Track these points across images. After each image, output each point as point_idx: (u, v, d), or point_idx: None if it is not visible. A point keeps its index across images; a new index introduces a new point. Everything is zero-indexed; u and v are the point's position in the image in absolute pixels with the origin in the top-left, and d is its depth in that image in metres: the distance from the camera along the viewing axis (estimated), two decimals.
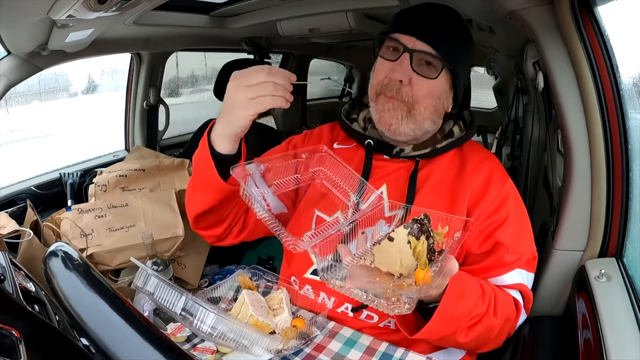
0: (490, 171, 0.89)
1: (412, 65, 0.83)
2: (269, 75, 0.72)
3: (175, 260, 1.27)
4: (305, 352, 0.76)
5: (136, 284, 0.70)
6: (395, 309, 0.61)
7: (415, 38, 0.83)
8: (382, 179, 0.91)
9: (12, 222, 1.10)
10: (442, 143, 0.92)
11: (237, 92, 0.75)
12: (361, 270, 0.69)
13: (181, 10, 1.40)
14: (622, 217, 0.87)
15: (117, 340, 0.46)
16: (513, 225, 0.84)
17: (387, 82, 0.86)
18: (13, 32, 1.04)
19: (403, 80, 0.84)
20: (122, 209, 1.28)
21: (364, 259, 0.72)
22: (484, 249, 0.85)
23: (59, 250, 0.57)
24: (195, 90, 2.68)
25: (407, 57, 0.83)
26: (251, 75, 0.73)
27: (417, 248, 0.64)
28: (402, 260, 0.64)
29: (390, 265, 0.67)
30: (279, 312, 0.82)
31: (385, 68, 0.87)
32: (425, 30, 0.84)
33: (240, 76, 0.75)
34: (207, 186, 0.83)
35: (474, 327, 0.75)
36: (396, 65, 0.85)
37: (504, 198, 0.86)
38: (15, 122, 1.96)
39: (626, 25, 0.84)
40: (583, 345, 0.74)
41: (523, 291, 0.85)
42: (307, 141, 1.04)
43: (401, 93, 0.85)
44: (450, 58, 0.84)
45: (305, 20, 1.46)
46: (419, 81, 0.84)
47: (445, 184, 0.89)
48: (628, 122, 0.83)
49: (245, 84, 0.74)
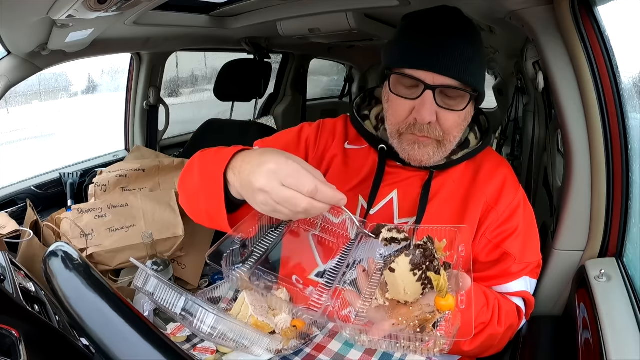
0: (504, 179, 0.87)
1: (437, 102, 0.77)
2: (312, 195, 0.59)
3: (175, 260, 1.27)
4: (305, 352, 0.75)
5: (136, 284, 0.70)
6: (436, 348, 0.59)
7: (434, 73, 0.75)
8: (394, 185, 0.88)
9: (12, 222, 1.10)
10: (459, 155, 0.88)
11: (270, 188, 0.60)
12: (379, 313, 0.65)
13: (181, 10, 1.40)
14: (622, 217, 0.87)
15: (117, 340, 0.46)
16: (522, 236, 0.83)
17: (414, 122, 0.79)
18: (13, 32, 1.04)
19: (432, 121, 0.78)
20: (122, 209, 1.28)
21: (376, 299, 0.68)
22: (491, 257, 0.84)
23: (59, 250, 0.57)
24: (195, 90, 2.68)
25: (430, 94, 0.76)
26: (297, 181, 0.59)
27: (440, 282, 0.60)
28: (406, 289, 0.62)
29: (394, 295, 0.65)
30: (279, 312, 0.82)
31: (406, 107, 0.79)
32: (443, 61, 0.75)
33: (281, 171, 0.60)
34: (213, 220, 0.75)
35: (478, 335, 0.75)
36: (419, 105, 0.77)
37: (516, 207, 0.84)
38: (15, 122, 1.95)
39: (626, 25, 0.84)
40: (583, 345, 0.74)
41: (526, 298, 0.85)
42: (320, 135, 0.96)
43: (430, 131, 0.79)
44: (475, 85, 0.78)
45: (305, 20, 1.46)
46: (446, 115, 0.78)
47: (458, 194, 0.86)
48: (628, 122, 0.83)
49: (281, 182, 0.60)
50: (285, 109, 2.61)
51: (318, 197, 0.60)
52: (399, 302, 0.65)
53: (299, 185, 0.59)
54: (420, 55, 0.77)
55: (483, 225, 0.83)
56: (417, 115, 0.78)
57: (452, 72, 0.75)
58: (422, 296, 0.63)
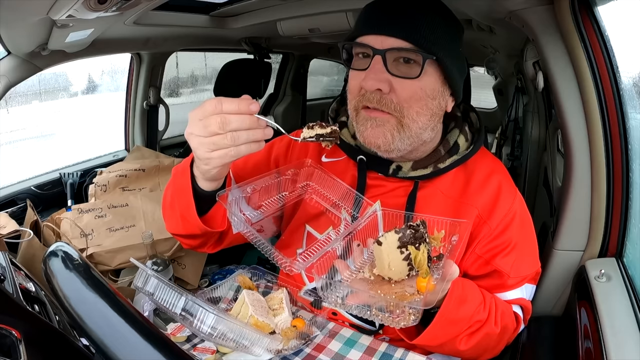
0: (498, 187, 0.80)
1: (388, 68, 0.70)
2: (217, 111, 0.61)
3: (175, 260, 1.27)
4: (305, 352, 0.75)
5: (136, 284, 0.70)
6: (401, 322, 0.59)
7: (384, 35, 0.70)
8: (377, 197, 0.82)
9: (12, 222, 1.10)
10: (446, 162, 0.80)
11: (191, 130, 0.65)
12: (361, 284, 0.66)
13: (181, 10, 1.40)
14: (622, 217, 0.87)
15: (117, 340, 0.46)
16: (516, 251, 0.79)
17: (363, 93, 0.73)
18: (13, 32, 1.04)
19: (382, 89, 0.70)
20: (122, 209, 1.28)
21: (363, 272, 0.69)
22: (481, 272, 0.81)
23: (59, 250, 0.57)
24: (195, 90, 2.68)
25: (379, 60, 0.70)
26: (202, 108, 0.63)
27: (418, 257, 0.61)
28: (390, 264, 0.62)
29: (379, 270, 0.66)
30: (279, 312, 0.82)
31: (358, 79, 0.73)
32: (392, 22, 0.69)
33: (196, 115, 0.64)
34: (186, 221, 0.77)
35: (474, 333, 0.74)
36: (369, 73, 0.71)
37: (510, 220, 0.79)
38: (15, 122, 1.96)
39: (626, 25, 0.84)
40: (583, 345, 0.74)
41: (523, 305, 0.83)
42: (291, 153, 0.91)
43: (383, 102, 0.71)
44: (430, 48, 0.70)
45: (305, 20, 1.46)
46: (401, 84, 0.71)
47: (447, 205, 0.80)
48: (628, 122, 0.83)
49: (197, 118, 0.63)
50: (285, 109, 2.60)
51: (225, 109, 0.61)
52: (384, 278, 0.66)
53: (205, 111, 0.62)
54: (370, 19, 0.72)
55: (474, 240, 0.78)
56: (364, 83, 0.71)
57: (403, 32, 0.69)
58: (408, 278, 0.64)
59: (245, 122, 0.61)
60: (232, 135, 0.61)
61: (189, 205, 0.74)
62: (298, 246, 0.90)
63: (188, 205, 0.74)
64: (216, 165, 0.66)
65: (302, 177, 0.82)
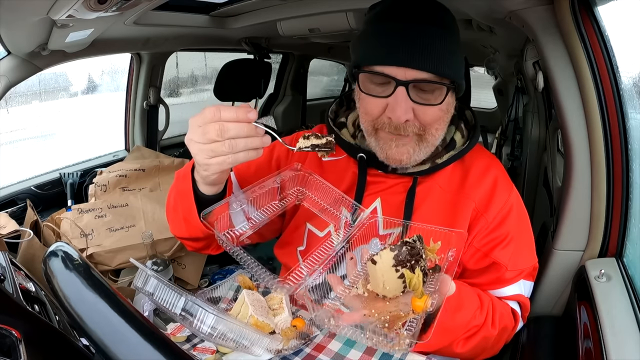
0: (494, 181, 0.83)
1: (412, 98, 0.72)
2: (216, 119, 0.61)
3: (175, 260, 1.27)
4: (305, 352, 0.75)
5: (136, 284, 0.70)
6: (396, 346, 0.58)
7: (406, 67, 0.70)
8: (376, 194, 0.84)
9: (12, 222, 1.10)
10: (443, 157, 0.83)
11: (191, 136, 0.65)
12: (355, 302, 0.65)
13: (181, 10, 1.40)
14: (622, 217, 0.87)
15: (117, 340, 0.46)
16: (513, 243, 0.81)
17: (388, 121, 0.75)
18: (13, 32, 1.04)
19: (409, 119, 0.73)
20: (122, 209, 1.28)
21: (357, 288, 0.67)
22: (480, 265, 0.82)
23: (59, 250, 0.57)
24: (195, 90, 2.68)
25: (402, 91, 0.71)
26: (202, 115, 0.63)
27: (413, 281, 0.59)
28: (385, 283, 0.61)
29: (373, 287, 0.64)
30: (279, 312, 0.82)
31: (378, 105, 0.74)
32: (414, 55, 0.69)
33: (196, 122, 0.64)
34: (189, 224, 0.78)
35: (471, 337, 0.75)
36: (392, 103, 0.72)
37: (507, 213, 0.81)
38: (15, 122, 1.96)
39: (626, 25, 0.84)
40: (583, 345, 0.74)
41: (521, 301, 0.84)
42: (292, 153, 0.92)
43: (408, 130, 0.74)
44: (451, 74, 0.73)
45: (305, 20, 1.46)
46: (424, 110, 0.73)
47: (445, 199, 0.82)
48: (628, 122, 0.83)
49: (197, 124, 0.64)
50: (285, 109, 2.61)
51: (223, 117, 0.61)
52: (378, 295, 0.64)
53: (204, 118, 0.62)
54: (389, 49, 0.71)
55: (471, 233, 0.80)
56: (391, 114, 0.73)
57: (425, 65, 0.70)
58: (403, 294, 0.62)
59: (243, 130, 0.62)
60: (230, 142, 0.62)
61: (190, 209, 0.76)
62: (299, 244, 0.90)
63: (190, 209, 0.76)
64: (215, 171, 0.68)
65: (294, 183, 0.83)
